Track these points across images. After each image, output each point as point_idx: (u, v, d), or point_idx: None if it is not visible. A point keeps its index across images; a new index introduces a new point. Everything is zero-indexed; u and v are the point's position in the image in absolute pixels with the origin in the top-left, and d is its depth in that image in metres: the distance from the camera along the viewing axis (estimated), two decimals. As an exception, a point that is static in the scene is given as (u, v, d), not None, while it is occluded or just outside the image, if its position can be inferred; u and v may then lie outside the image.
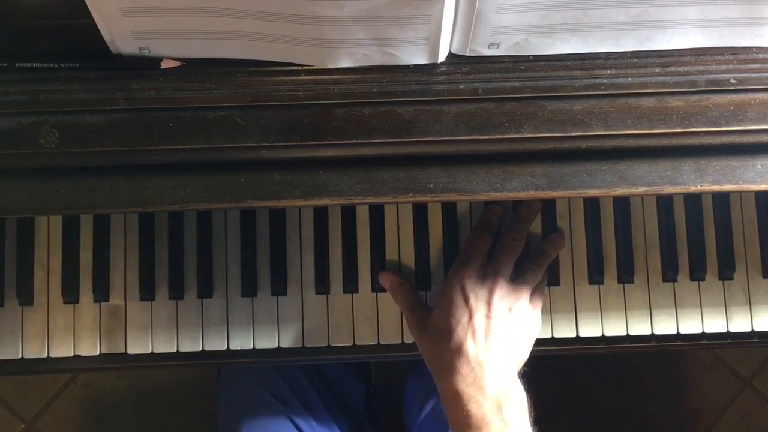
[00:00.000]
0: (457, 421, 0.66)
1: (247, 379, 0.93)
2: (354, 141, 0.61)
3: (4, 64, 0.62)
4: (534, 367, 1.47)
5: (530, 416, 0.68)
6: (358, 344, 0.80)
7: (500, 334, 0.69)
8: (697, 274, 0.80)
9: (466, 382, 0.66)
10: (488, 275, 0.72)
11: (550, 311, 0.80)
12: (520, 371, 0.71)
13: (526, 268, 0.76)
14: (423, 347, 0.73)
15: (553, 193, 0.63)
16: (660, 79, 0.62)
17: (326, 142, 0.61)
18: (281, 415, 0.90)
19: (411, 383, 1.00)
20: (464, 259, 0.74)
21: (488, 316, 0.69)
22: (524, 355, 0.73)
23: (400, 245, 0.81)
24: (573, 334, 0.80)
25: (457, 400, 0.66)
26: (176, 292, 0.80)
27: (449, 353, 0.68)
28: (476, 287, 0.71)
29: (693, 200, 0.81)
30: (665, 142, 0.62)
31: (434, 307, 0.73)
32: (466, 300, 0.70)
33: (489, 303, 0.70)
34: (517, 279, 0.74)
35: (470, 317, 0.69)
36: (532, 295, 0.74)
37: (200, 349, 0.80)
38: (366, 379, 1.06)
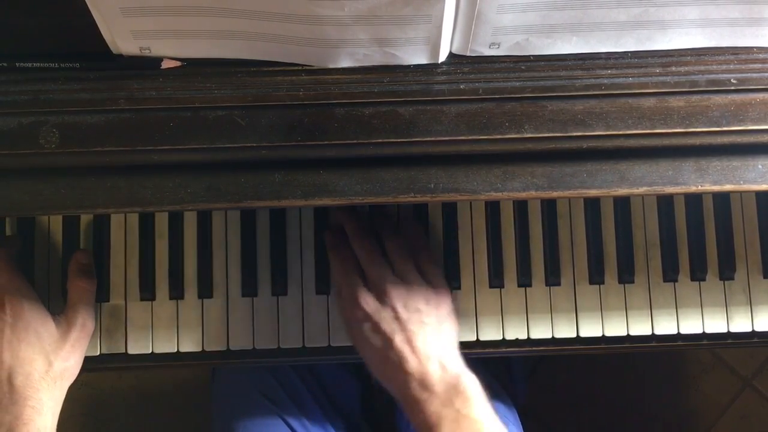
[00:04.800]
0: (418, 423, 0.68)
1: (240, 380, 0.93)
2: (354, 141, 0.61)
3: (4, 64, 0.62)
4: (534, 367, 1.48)
5: (486, 396, 0.69)
6: (358, 344, 0.80)
7: (424, 337, 0.70)
8: (698, 274, 0.80)
9: (416, 391, 0.68)
10: (378, 292, 0.72)
11: (550, 311, 0.80)
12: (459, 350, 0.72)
13: (395, 254, 0.74)
14: (367, 365, 0.74)
15: (554, 193, 0.63)
16: (661, 79, 0.62)
17: (327, 142, 0.61)
18: (274, 417, 0.90)
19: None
20: (348, 289, 0.74)
21: (403, 330, 0.70)
22: (454, 334, 0.73)
23: (401, 245, 0.81)
24: (573, 334, 0.80)
25: (412, 405, 0.68)
26: (176, 292, 0.80)
27: (390, 375, 0.70)
28: (378, 312, 0.71)
29: (694, 200, 0.81)
30: (666, 142, 0.62)
31: (354, 337, 0.73)
32: (377, 329, 0.71)
33: (398, 319, 0.70)
34: (396, 269, 0.74)
35: (391, 344, 0.69)
36: (422, 266, 0.74)
37: (200, 349, 0.80)
38: (364, 378, 1.06)
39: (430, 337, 0.70)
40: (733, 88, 0.62)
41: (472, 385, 0.68)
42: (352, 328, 0.73)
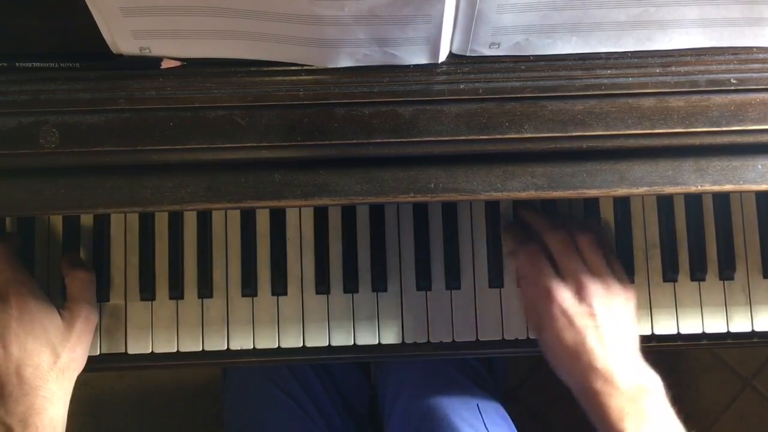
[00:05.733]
0: (598, 415, 0.69)
1: (255, 373, 0.93)
2: (354, 141, 0.61)
3: (5, 64, 0.62)
4: (534, 367, 1.47)
5: (667, 395, 0.70)
6: (358, 344, 0.80)
7: (614, 334, 0.71)
8: (698, 274, 0.80)
9: (600, 385, 0.69)
10: (575, 287, 0.73)
11: (550, 311, 0.80)
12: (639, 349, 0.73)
13: (588, 250, 0.75)
14: (546, 355, 0.75)
15: (554, 193, 0.63)
16: (660, 79, 0.62)
17: (327, 142, 0.61)
18: (289, 410, 0.90)
19: (380, 388, 1.00)
20: (541, 282, 0.74)
21: (597, 327, 0.71)
22: (636, 330, 0.74)
23: (401, 245, 0.81)
24: (573, 334, 0.80)
25: (593, 398, 0.69)
26: (176, 292, 0.80)
27: (576, 370, 0.71)
28: (574, 307, 0.72)
29: (693, 200, 0.81)
30: (666, 142, 0.62)
31: (543, 329, 0.74)
32: (572, 324, 0.71)
33: (593, 315, 0.71)
34: (590, 264, 0.74)
35: (583, 340, 0.71)
36: (611, 263, 0.75)
37: (200, 349, 0.80)
38: (370, 378, 1.06)
39: (620, 336, 0.71)
40: (733, 88, 0.62)
41: (657, 384, 0.70)
42: (543, 320, 0.73)
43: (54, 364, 0.71)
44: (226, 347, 0.80)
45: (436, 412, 0.87)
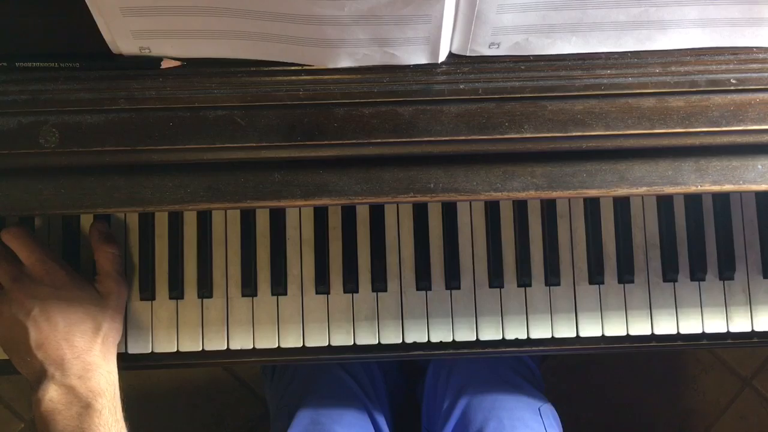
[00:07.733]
0: None
1: None
2: (354, 141, 0.61)
3: (4, 64, 0.62)
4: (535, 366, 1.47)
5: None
6: (358, 344, 0.80)
7: None
8: (698, 274, 0.80)
9: None
10: None
11: (550, 311, 0.80)
12: None
13: None
14: None
15: (554, 193, 0.63)
16: (660, 79, 0.62)
17: (326, 142, 0.61)
18: (351, 390, 0.91)
19: (433, 380, 0.99)
20: None
21: None
22: None
23: (400, 245, 0.81)
24: (573, 334, 0.80)
25: None
26: (176, 292, 0.80)
27: None
28: None
29: (694, 200, 0.81)
30: (665, 142, 0.62)
31: None
32: None
33: None
34: None
35: None
36: None
37: (200, 349, 0.80)
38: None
39: None
40: (732, 88, 0.62)
41: None
42: None
43: (98, 331, 0.73)
44: (226, 347, 0.80)
45: (500, 414, 0.88)
